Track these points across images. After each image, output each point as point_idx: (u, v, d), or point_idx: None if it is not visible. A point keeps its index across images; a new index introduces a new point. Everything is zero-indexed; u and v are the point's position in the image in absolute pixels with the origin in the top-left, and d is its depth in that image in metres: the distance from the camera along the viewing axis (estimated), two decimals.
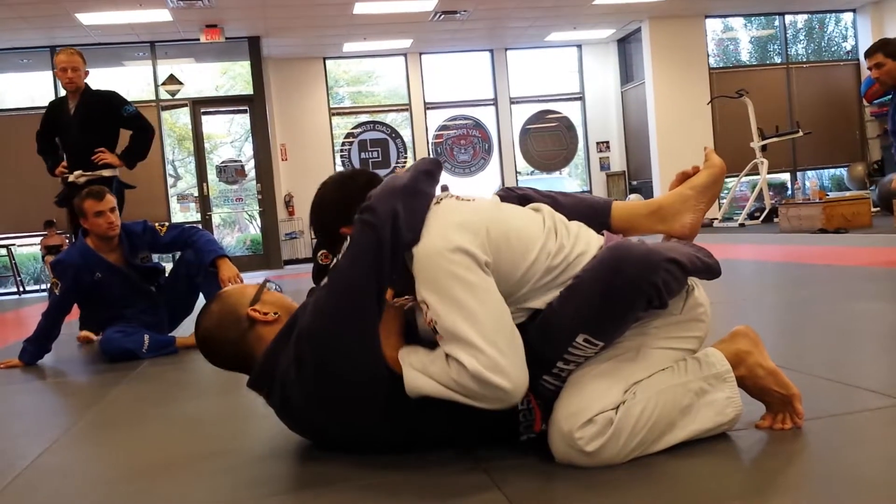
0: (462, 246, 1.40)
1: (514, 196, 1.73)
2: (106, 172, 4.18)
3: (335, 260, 1.50)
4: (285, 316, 1.64)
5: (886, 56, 3.78)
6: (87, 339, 3.97)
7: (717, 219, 10.04)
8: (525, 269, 1.46)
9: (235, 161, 11.08)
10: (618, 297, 1.41)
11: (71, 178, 4.19)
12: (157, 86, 10.09)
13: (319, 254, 1.73)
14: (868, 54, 3.94)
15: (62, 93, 4.37)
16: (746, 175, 9.51)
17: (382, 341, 1.48)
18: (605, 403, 1.40)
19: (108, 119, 4.28)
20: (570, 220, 1.64)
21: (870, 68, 3.91)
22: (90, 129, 4.23)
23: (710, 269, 1.55)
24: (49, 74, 9.60)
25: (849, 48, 12.28)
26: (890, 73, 3.75)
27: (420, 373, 1.43)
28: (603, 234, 1.61)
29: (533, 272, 1.47)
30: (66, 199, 4.22)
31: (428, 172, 1.56)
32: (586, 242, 1.54)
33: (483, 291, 1.39)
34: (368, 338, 1.46)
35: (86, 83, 4.27)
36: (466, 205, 1.51)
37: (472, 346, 1.35)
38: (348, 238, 1.48)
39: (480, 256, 1.41)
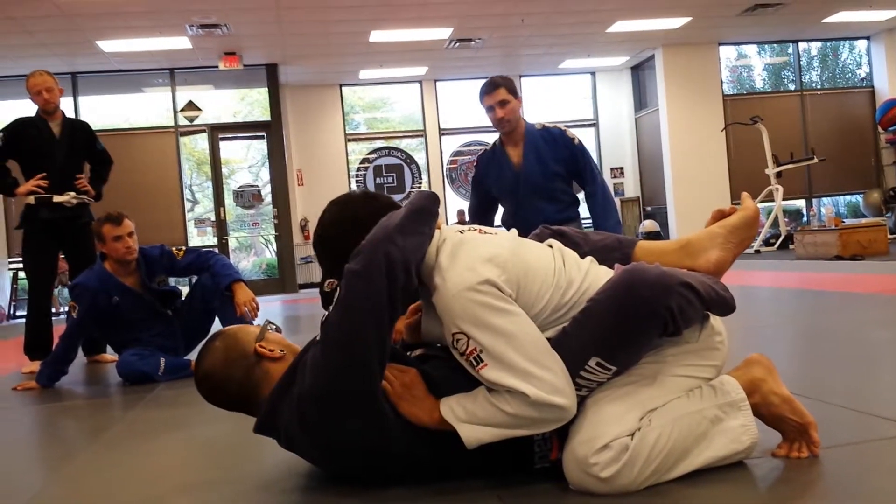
0: (490, 279, 1.42)
1: (548, 233, 1.76)
2: (86, 199, 4.18)
3: (325, 315, 1.46)
4: (290, 355, 1.62)
5: (509, 92, 3.28)
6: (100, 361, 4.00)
7: None
8: (541, 306, 1.49)
9: (252, 186, 11.18)
10: (631, 318, 1.41)
11: (62, 199, 4.06)
12: (175, 112, 10.23)
13: (326, 283, 1.72)
14: (489, 91, 3.30)
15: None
16: (761, 202, 9.46)
17: (416, 408, 1.47)
18: (621, 429, 1.40)
19: (88, 148, 4.30)
20: (596, 249, 1.67)
21: (492, 106, 3.29)
22: (76, 154, 4.22)
23: (724, 302, 1.53)
24: (70, 101, 9.76)
25: (863, 75, 12.27)
26: (514, 111, 3.29)
27: (471, 424, 1.43)
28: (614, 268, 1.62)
29: (546, 307, 1.49)
30: (29, 219, 4.08)
31: (421, 210, 1.51)
32: (595, 276, 1.55)
33: (517, 316, 1.42)
34: (373, 389, 1.43)
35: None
36: (490, 238, 1.53)
37: (526, 373, 1.37)
38: (337, 290, 1.45)
39: (506, 290, 1.43)
